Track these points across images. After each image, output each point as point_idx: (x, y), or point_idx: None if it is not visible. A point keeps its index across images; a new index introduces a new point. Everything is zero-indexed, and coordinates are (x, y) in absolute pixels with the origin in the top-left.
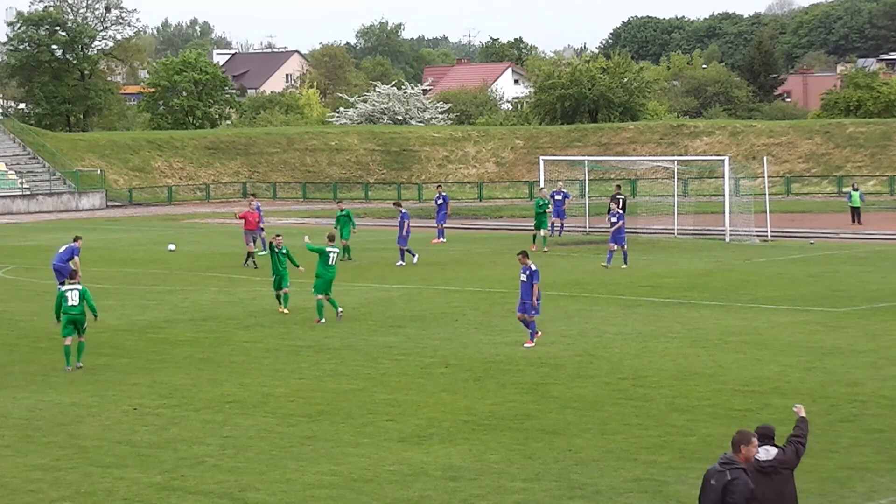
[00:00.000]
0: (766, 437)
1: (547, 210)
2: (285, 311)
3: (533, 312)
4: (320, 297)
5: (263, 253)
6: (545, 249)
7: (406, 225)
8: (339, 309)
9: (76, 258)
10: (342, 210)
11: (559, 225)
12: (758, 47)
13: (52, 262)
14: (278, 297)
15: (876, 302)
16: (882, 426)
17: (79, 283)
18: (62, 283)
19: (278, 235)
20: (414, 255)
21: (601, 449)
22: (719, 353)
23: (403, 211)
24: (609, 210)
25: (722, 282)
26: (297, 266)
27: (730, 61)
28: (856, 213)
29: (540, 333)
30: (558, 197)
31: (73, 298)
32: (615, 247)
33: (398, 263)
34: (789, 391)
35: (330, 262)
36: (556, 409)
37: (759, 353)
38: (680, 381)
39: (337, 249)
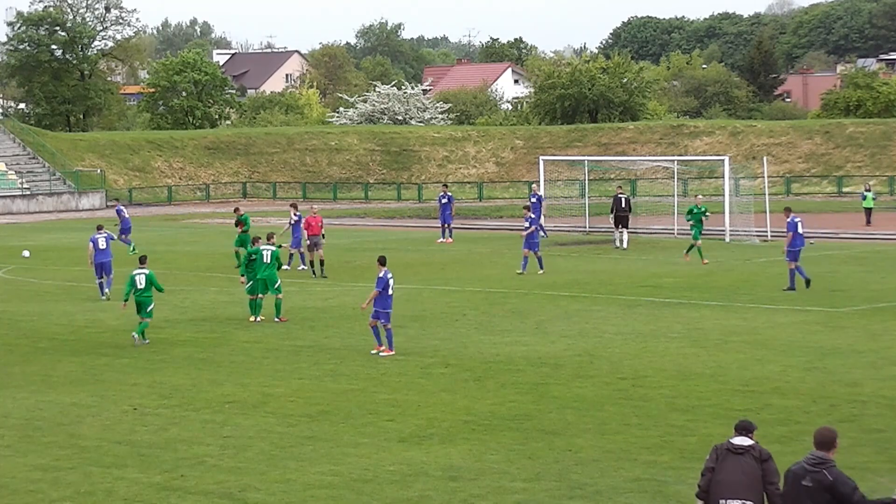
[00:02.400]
0: (745, 429)
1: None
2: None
3: (383, 321)
4: (255, 296)
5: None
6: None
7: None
8: (277, 318)
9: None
10: (241, 215)
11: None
12: (758, 47)
13: (94, 259)
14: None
15: (876, 302)
16: (882, 426)
17: (146, 268)
18: (101, 278)
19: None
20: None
21: (601, 449)
22: (719, 353)
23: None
24: (523, 215)
25: (722, 282)
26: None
27: (730, 61)
28: (869, 213)
29: (391, 351)
30: (533, 200)
31: (140, 282)
32: (529, 252)
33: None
34: (789, 391)
35: (264, 261)
36: (556, 409)
37: (759, 353)
38: (680, 381)
39: (272, 248)
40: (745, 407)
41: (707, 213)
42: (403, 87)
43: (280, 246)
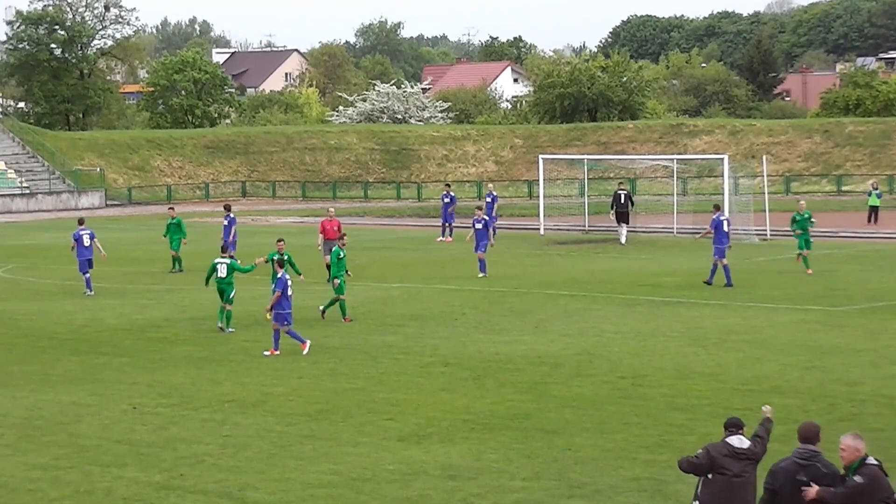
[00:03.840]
0: (737, 426)
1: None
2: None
3: (285, 323)
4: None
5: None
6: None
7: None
8: (230, 329)
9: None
10: (173, 218)
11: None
12: (757, 46)
13: (79, 255)
14: None
15: (875, 301)
16: (881, 425)
17: (228, 256)
18: (87, 273)
19: (280, 240)
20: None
21: (600, 448)
22: (718, 352)
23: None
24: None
25: (721, 281)
26: (299, 274)
27: (729, 60)
28: (874, 212)
29: (306, 344)
30: (488, 199)
31: (221, 271)
32: (481, 254)
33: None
34: (788, 390)
35: (219, 275)
36: (555, 409)
37: (759, 352)
38: (679, 380)
39: (226, 261)
40: (745, 406)
41: (813, 220)
42: (403, 86)
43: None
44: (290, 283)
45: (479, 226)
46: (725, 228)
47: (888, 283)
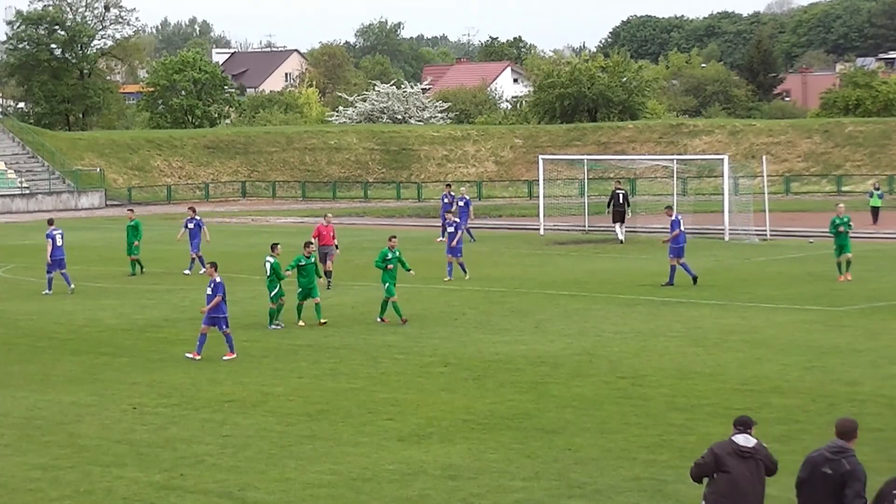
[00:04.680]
0: (745, 425)
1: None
2: (322, 321)
3: (224, 326)
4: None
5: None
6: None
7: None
8: (275, 325)
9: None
10: (131, 220)
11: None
12: (757, 46)
13: (52, 255)
14: (299, 307)
15: (875, 301)
16: (881, 425)
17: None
18: (52, 273)
19: (310, 243)
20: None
21: (600, 448)
22: (718, 352)
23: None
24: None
25: (721, 281)
26: (409, 270)
27: (729, 60)
28: (875, 212)
29: (234, 354)
30: (461, 203)
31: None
32: (452, 258)
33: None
34: (788, 390)
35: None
36: (555, 409)
37: (759, 352)
38: (679, 380)
39: (271, 260)
40: (745, 406)
41: (851, 224)
42: (403, 87)
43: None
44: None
45: (450, 229)
46: (681, 229)
47: (888, 283)
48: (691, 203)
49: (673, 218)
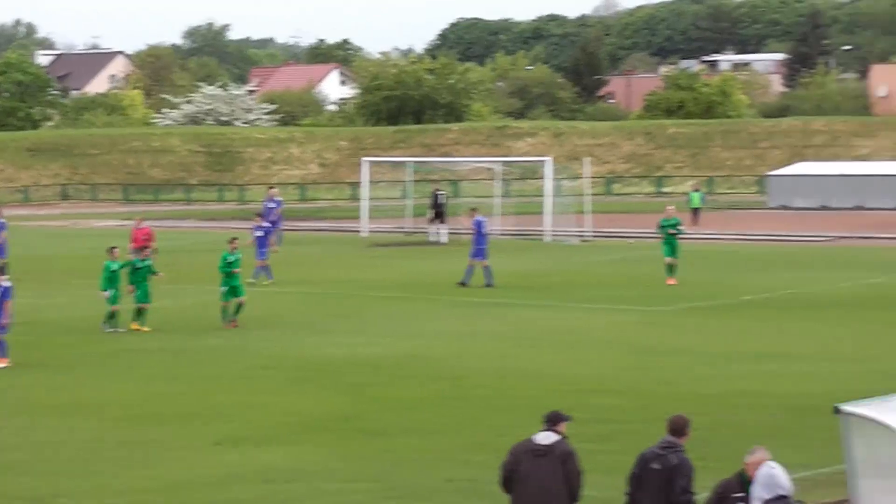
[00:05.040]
0: (552, 421)
1: None
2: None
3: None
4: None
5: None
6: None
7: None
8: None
9: None
10: None
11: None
12: (582, 49)
13: None
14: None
15: (693, 301)
16: (695, 424)
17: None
18: None
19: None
20: None
21: (419, 449)
22: (539, 352)
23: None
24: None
25: (542, 282)
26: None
27: (555, 63)
28: (695, 213)
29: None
30: (271, 205)
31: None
32: (260, 262)
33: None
34: (606, 390)
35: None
36: (375, 411)
37: (579, 353)
38: (499, 380)
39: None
40: (564, 406)
41: (681, 227)
42: (229, 88)
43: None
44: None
45: (259, 233)
46: (484, 230)
47: (705, 283)
48: (514, 205)
49: (475, 219)
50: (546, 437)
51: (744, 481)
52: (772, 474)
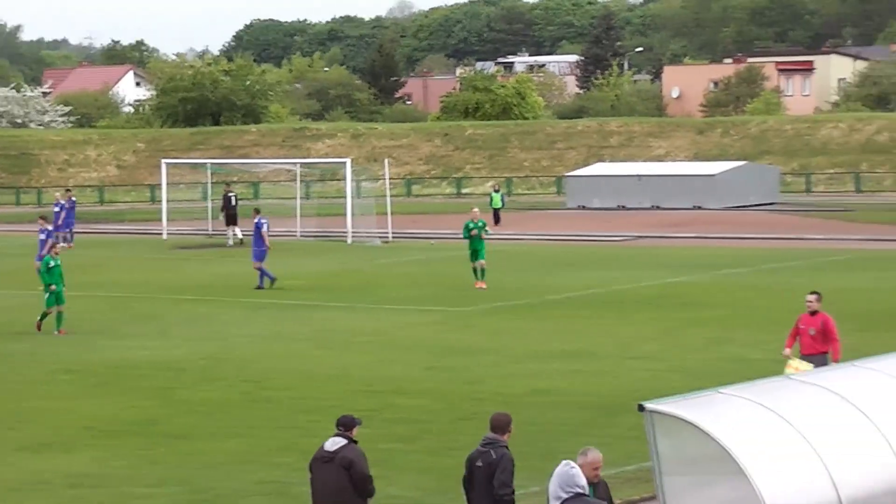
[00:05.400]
0: (344, 426)
1: None
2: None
3: None
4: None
5: None
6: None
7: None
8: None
9: None
10: None
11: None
12: (379, 50)
13: None
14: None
15: (497, 301)
16: None
17: None
18: None
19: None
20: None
21: (226, 452)
22: (344, 354)
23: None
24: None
25: (346, 283)
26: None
27: (352, 64)
28: (497, 214)
29: None
30: (56, 208)
31: None
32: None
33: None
34: (412, 390)
35: None
36: (181, 414)
37: (384, 354)
38: (305, 382)
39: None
40: (370, 407)
41: (488, 230)
42: (22, 90)
43: None
44: None
45: (42, 236)
46: (263, 232)
47: (508, 283)
48: (315, 206)
49: (256, 221)
50: (333, 444)
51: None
52: (571, 474)
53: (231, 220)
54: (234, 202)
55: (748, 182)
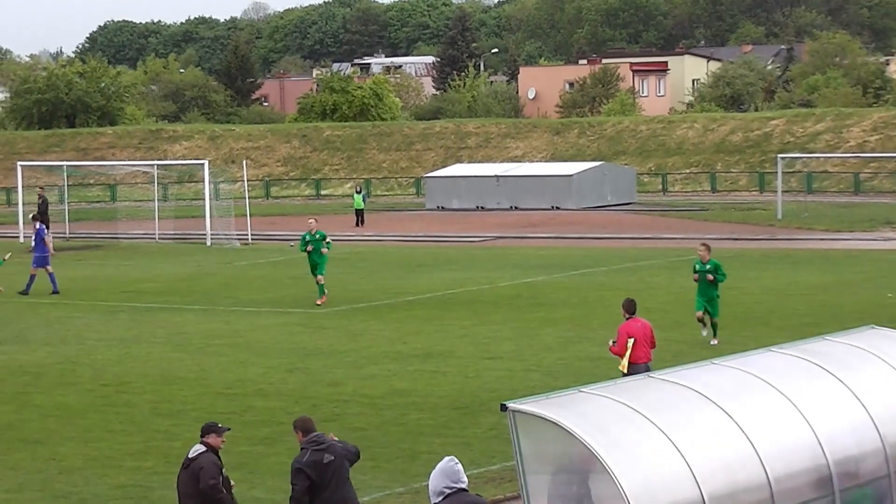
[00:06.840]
0: (202, 433)
1: None
2: None
3: None
4: None
5: None
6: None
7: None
8: None
9: None
10: None
11: None
12: (234, 52)
13: None
14: None
15: (356, 302)
16: (363, 424)
17: None
18: None
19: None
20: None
21: (85, 457)
22: (202, 356)
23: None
24: None
25: (204, 286)
26: None
27: (207, 66)
28: (360, 215)
29: None
30: None
31: None
32: None
33: None
34: (272, 393)
35: None
36: (38, 418)
37: (242, 356)
38: (163, 385)
39: None
40: (229, 410)
41: (328, 241)
42: None
43: None
44: None
45: None
46: (44, 237)
47: (367, 284)
48: (172, 208)
49: (38, 227)
50: (194, 451)
51: None
52: (456, 469)
53: (41, 219)
54: (43, 207)
55: (605, 182)
